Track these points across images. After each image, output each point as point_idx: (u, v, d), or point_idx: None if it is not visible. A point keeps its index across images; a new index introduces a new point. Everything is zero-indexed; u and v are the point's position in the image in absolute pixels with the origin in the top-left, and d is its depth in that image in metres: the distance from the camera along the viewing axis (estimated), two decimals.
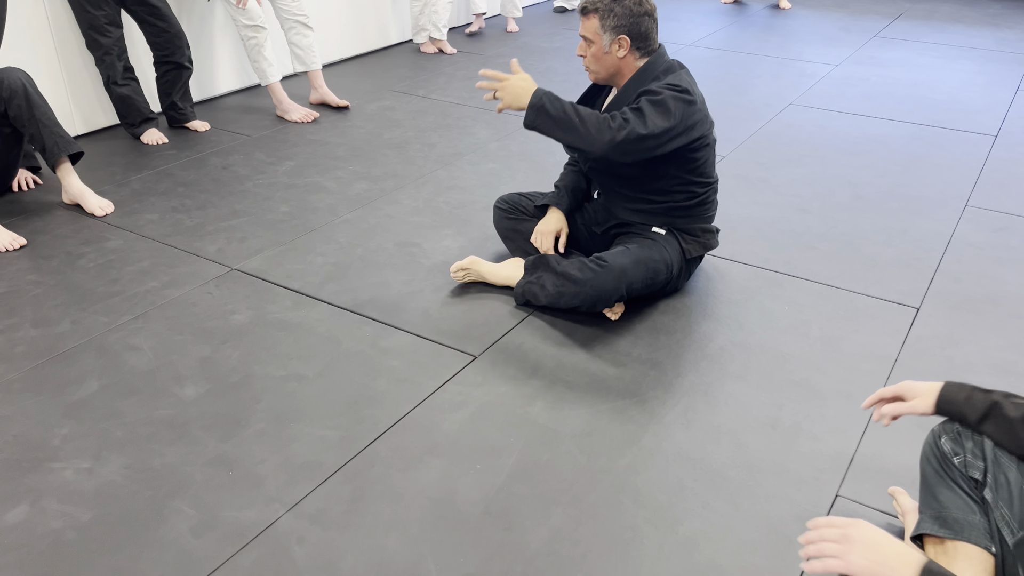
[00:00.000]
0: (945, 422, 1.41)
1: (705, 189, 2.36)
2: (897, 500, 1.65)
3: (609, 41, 2.24)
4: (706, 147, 2.30)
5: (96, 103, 3.75)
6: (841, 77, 4.61)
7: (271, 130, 3.86)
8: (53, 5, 3.47)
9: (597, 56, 2.28)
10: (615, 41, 2.24)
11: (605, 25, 2.23)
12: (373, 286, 2.53)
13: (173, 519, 1.67)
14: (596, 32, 2.25)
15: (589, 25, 2.26)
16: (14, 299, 2.46)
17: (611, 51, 2.25)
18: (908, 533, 1.53)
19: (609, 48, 2.25)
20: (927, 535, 1.37)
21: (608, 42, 2.24)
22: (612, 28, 2.23)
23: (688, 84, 2.20)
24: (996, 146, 3.61)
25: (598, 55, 2.28)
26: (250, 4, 3.74)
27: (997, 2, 6.55)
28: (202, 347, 2.23)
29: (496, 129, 3.84)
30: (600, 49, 2.26)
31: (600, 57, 2.28)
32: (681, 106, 2.15)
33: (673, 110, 2.14)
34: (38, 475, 1.79)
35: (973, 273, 2.59)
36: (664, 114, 2.14)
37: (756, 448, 1.86)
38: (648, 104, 2.14)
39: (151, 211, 3.02)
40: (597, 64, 2.30)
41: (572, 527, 1.65)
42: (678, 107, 2.15)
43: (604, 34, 2.24)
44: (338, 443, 1.88)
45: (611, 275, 2.21)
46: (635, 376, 2.11)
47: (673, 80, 2.20)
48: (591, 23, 2.25)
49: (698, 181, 2.33)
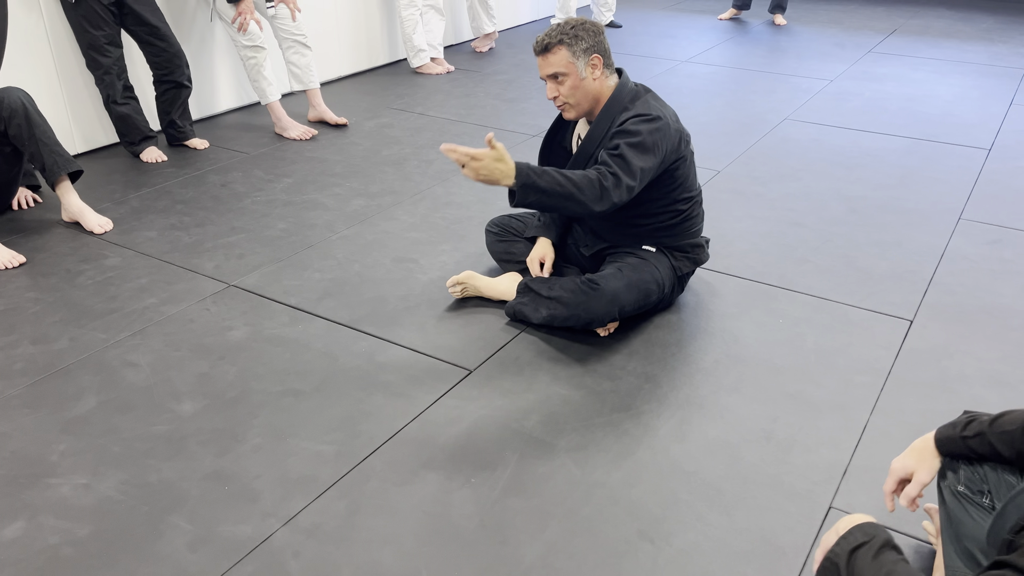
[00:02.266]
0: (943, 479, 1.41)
1: (689, 204, 2.35)
2: (933, 519, 1.61)
3: (584, 65, 2.21)
4: (684, 163, 2.29)
5: (96, 122, 3.79)
6: (836, 92, 4.64)
7: (269, 148, 3.89)
8: (53, 25, 3.51)
9: (575, 87, 2.23)
10: (589, 63, 2.21)
11: (576, 51, 2.20)
12: (370, 301, 2.54)
13: (169, 534, 1.68)
14: (568, 62, 2.20)
15: (557, 59, 2.20)
16: (13, 316, 2.47)
17: (587, 76, 2.22)
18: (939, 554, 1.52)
19: (585, 73, 2.22)
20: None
21: (583, 67, 2.21)
22: (583, 51, 2.20)
23: (656, 109, 2.19)
24: (990, 159, 3.63)
25: (576, 85, 2.23)
26: (250, 25, 3.78)
27: (990, 17, 6.60)
28: (199, 363, 2.24)
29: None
30: (577, 78, 2.22)
31: (578, 87, 2.23)
32: (658, 138, 2.16)
33: (652, 147, 2.14)
34: (35, 491, 1.80)
35: (967, 285, 2.61)
36: (645, 154, 2.13)
37: (750, 460, 1.87)
38: (628, 148, 2.12)
39: (150, 228, 3.04)
40: (576, 95, 2.24)
41: (567, 540, 1.66)
42: (656, 141, 2.15)
43: (577, 61, 2.20)
44: (334, 458, 1.89)
45: (603, 299, 2.22)
46: (630, 389, 2.12)
47: (641, 110, 2.19)
48: (559, 56, 2.20)
49: (681, 198, 2.33)
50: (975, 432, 1.35)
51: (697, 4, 7.24)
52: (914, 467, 1.42)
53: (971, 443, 1.35)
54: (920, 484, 1.40)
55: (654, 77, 4.98)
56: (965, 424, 1.38)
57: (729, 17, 6.51)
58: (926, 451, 1.42)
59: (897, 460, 1.45)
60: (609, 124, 2.25)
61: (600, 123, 2.27)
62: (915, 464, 1.42)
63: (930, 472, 1.41)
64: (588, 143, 2.29)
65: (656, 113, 2.18)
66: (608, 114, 2.26)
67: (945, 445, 1.39)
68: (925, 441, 1.43)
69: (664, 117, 2.19)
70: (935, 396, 2.09)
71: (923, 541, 1.65)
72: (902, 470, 1.43)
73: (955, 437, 1.38)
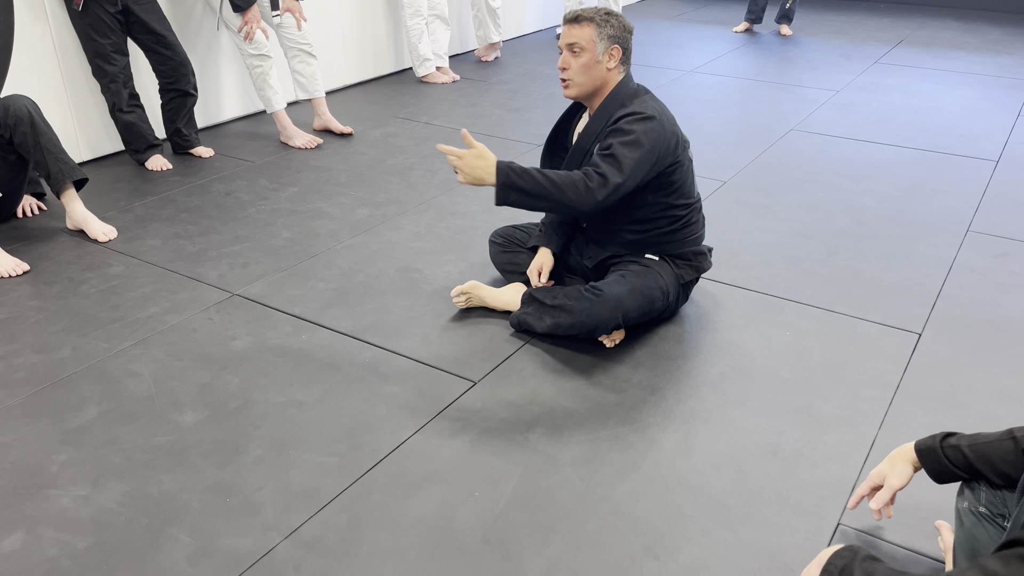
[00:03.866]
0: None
1: (687, 211, 2.34)
2: (943, 535, 1.61)
3: (603, 49, 2.22)
4: (681, 168, 2.28)
5: (101, 130, 3.79)
6: (842, 103, 4.63)
7: (274, 156, 3.88)
8: (60, 33, 3.52)
9: (588, 65, 2.23)
10: (608, 50, 2.22)
11: (602, 33, 2.21)
12: (374, 312, 2.53)
13: (169, 547, 1.66)
14: (591, 39, 2.21)
15: (583, 33, 2.21)
16: (15, 325, 2.46)
17: (602, 60, 2.23)
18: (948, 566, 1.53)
19: (601, 57, 2.22)
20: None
21: (602, 50, 2.22)
22: (608, 37, 2.21)
23: (653, 109, 2.19)
24: (997, 171, 3.62)
25: (589, 64, 2.23)
26: (256, 34, 3.79)
27: (997, 28, 6.59)
28: (202, 373, 2.23)
29: (499, 155, 3.86)
30: (592, 58, 2.22)
31: (590, 66, 2.23)
32: (653, 137, 2.15)
33: (645, 145, 2.14)
34: (35, 502, 1.78)
35: (975, 298, 2.59)
36: (637, 151, 2.12)
37: (757, 475, 1.85)
38: (620, 145, 2.12)
39: (154, 237, 3.04)
40: (584, 75, 2.24)
41: (571, 555, 1.64)
42: (650, 140, 2.15)
43: (599, 42, 2.21)
44: (336, 470, 1.87)
45: (607, 305, 2.21)
46: (635, 402, 2.10)
47: (638, 107, 2.19)
48: (585, 31, 2.21)
49: (679, 204, 2.31)
50: (953, 444, 1.41)
51: (703, 15, 7.24)
52: (887, 472, 1.50)
53: (947, 452, 1.41)
54: (891, 488, 1.48)
55: (660, 87, 4.97)
56: (945, 435, 1.44)
57: (743, 30, 6.52)
58: (899, 459, 1.49)
59: (874, 469, 1.53)
60: (606, 120, 2.25)
61: (597, 119, 2.27)
62: (888, 470, 1.50)
63: (900, 477, 1.48)
64: (584, 138, 2.30)
65: (651, 112, 2.18)
66: (606, 110, 2.26)
67: (924, 454, 1.45)
68: (902, 450, 1.49)
69: (659, 116, 2.19)
70: (944, 410, 2.06)
71: (936, 559, 1.62)
72: (876, 476, 1.51)
73: (934, 446, 1.43)
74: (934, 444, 1.43)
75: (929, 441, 1.45)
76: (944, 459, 1.41)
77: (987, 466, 1.36)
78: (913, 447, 1.47)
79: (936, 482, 1.45)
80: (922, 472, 1.53)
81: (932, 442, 1.44)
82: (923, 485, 1.74)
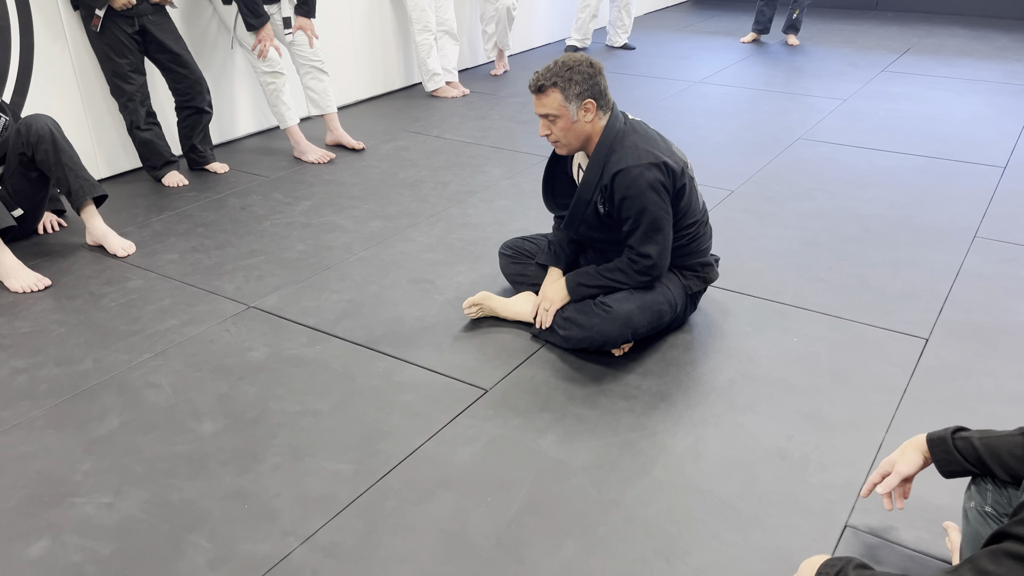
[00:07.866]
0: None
1: (693, 227, 2.35)
2: (950, 536, 1.63)
3: (576, 109, 2.21)
4: (685, 192, 2.28)
5: (119, 147, 3.86)
6: (849, 111, 4.66)
7: (288, 171, 3.95)
8: (79, 54, 3.60)
9: (566, 128, 2.23)
10: (581, 107, 2.21)
11: (568, 95, 2.19)
12: (387, 322, 2.57)
13: (191, 552, 1.70)
14: (560, 105, 2.20)
15: (550, 101, 2.20)
16: (39, 338, 2.52)
17: (579, 118, 2.22)
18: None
19: (576, 116, 2.22)
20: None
21: (575, 110, 2.21)
22: (576, 95, 2.19)
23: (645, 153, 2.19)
24: (1005, 178, 3.63)
25: (567, 127, 2.23)
26: (269, 51, 3.86)
27: (1005, 35, 6.60)
28: (220, 383, 2.28)
29: (508, 167, 3.91)
30: (568, 120, 2.22)
31: (570, 128, 2.23)
32: (658, 188, 2.20)
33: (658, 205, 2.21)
34: (60, 510, 1.83)
35: (982, 304, 2.60)
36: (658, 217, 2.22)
37: (766, 479, 1.87)
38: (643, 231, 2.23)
39: (171, 251, 3.10)
40: (568, 136, 2.25)
41: (583, 559, 1.67)
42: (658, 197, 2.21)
43: (570, 104, 2.20)
44: (352, 476, 1.91)
45: (617, 321, 2.25)
46: (645, 409, 2.13)
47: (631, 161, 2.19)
48: (552, 99, 2.20)
49: (687, 224, 2.33)
50: (964, 436, 1.43)
51: (710, 25, 7.29)
52: (897, 459, 1.51)
53: (958, 443, 1.43)
54: (899, 475, 1.49)
55: (668, 98, 5.01)
56: (957, 428, 1.46)
57: (750, 41, 6.56)
58: (910, 447, 1.51)
59: (886, 457, 1.55)
60: (601, 169, 2.25)
61: (592, 168, 2.27)
62: (898, 457, 1.51)
63: (909, 464, 1.49)
64: (584, 189, 2.30)
65: (645, 160, 2.18)
66: (598, 158, 2.26)
67: (935, 443, 1.46)
68: (914, 440, 1.51)
69: (653, 158, 2.19)
70: (951, 415, 2.08)
71: (944, 560, 1.64)
72: (887, 464, 1.53)
73: (945, 436, 1.45)
74: (945, 435, 1.45)
75: (941, 432, 1.47)
76: (954, 450, 1.42)
77: (995, 460, 1.37)
78: (925, 437, 1.49)
79: (943, 475, 1.45)
80: (930, 474, 1.55)
81: (944, 433, 1.46)
82: (931, 487, 1.77)
